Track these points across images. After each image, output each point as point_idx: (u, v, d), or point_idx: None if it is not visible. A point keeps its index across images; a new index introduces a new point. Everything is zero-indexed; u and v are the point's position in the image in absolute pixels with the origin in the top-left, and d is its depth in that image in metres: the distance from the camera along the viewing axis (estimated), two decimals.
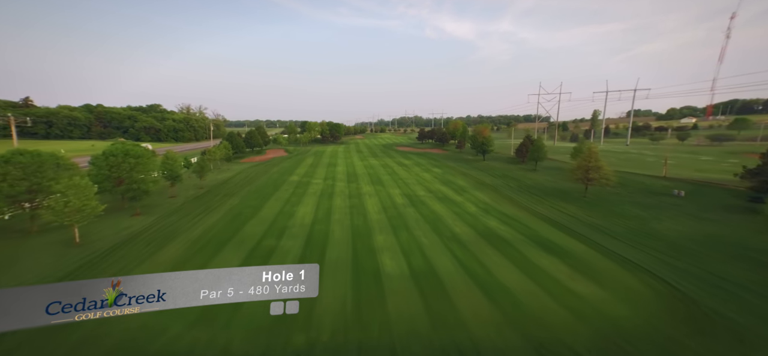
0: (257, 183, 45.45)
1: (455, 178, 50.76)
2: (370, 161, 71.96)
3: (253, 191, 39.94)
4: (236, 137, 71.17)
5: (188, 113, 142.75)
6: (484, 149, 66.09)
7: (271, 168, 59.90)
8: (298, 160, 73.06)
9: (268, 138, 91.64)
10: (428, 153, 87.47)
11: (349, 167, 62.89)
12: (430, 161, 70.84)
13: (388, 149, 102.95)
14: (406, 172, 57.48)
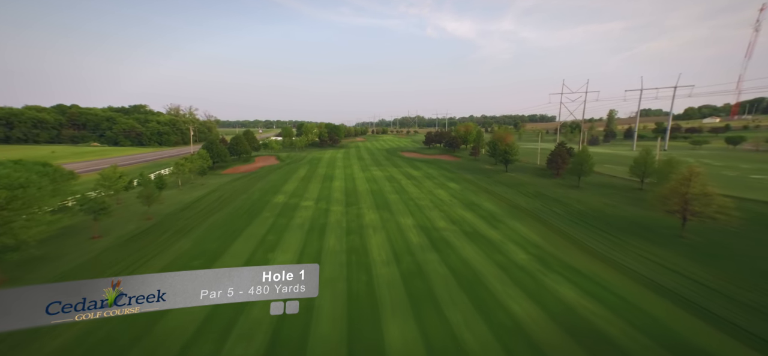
0: (230, 208, 35.54)
1: (479, 198, 40.77)
2: (372, 172, 62.01)
3: (218, 224, 30.01)
4: (217, 145, 61.26)
5: (177, 114, 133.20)
6: (507, 159, 56.00)
7: (255, 183, 49.98)
8: (290, 170, 63.15)
9: (258, 143, 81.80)
10: (438, 161, 77.46)
11: (349, 181, 52.95)
12: (443, 173, 60.82)
13: (391, 155, 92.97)
14: (416, 188, 47.50)
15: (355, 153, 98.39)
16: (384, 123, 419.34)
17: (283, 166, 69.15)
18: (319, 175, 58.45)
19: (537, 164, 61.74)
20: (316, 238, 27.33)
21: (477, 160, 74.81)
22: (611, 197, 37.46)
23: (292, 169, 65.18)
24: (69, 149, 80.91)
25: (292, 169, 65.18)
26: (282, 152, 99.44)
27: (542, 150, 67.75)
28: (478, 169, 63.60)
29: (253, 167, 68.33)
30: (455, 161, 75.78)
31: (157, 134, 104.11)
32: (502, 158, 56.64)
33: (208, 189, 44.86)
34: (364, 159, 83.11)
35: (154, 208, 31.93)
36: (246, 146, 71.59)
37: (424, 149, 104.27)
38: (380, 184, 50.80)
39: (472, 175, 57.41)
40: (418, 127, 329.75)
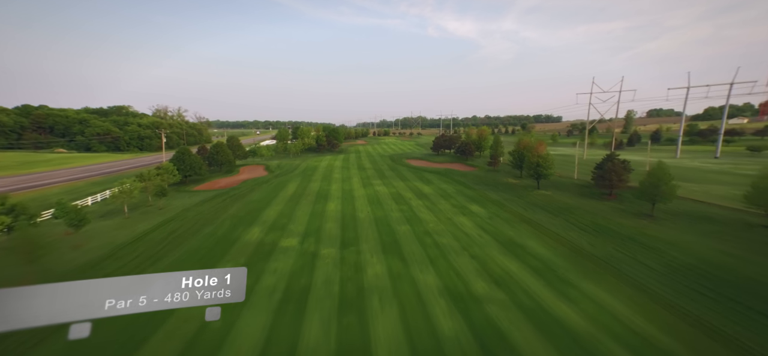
0: (177, 255, 25.58)
1: (518, 232, 30.65)
2: (375, 188, 51.93)
3: None
4: (190, 155, 51.20)
5: (164, 116, 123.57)
6: (540, 173, 45.77)
7: (230, 206, 39.97)
8: (278, 186, 53.16)
9: (245, 151, 71.92)
10: (450, 172, 67.30)
11: (346, 203, 42.88)
12: (461, 189, 50.68)
13: (396, 163, 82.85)
14: (431, 214, 37.41)
15: (355, 160, 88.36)
16: (385, 124, 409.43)
17: (271, 179, 59.16)
18: (311, 193, 48.40)
19: (575, 179, 51.51)
20: (289, 323, 17.31)
21: (496, 171, 64.60)
22: (722, 239, 26.83)
23: (281, 183, 55.17)
24: (20, 157, 71.05)
25: (281, 183, 55.17)
26: (274, 160, 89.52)
27: (586, 160, 57.37)
28: (502, 184, 53.40)
29: (235, 180, 58.36)
30: (471, 173, 65.60)
31: (137, 138, 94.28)
32: (533, 173, 46.41)
33: (164, 217, 34.85)
34: (365, 169, 73.06)
35: (57, 257, 21.95)
36: (228, 154, 61.65)
37: (432, 155, 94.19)
38: (385, 207, 40.72)
39: (496, 193, 47.23)
40: (421, 128, 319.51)
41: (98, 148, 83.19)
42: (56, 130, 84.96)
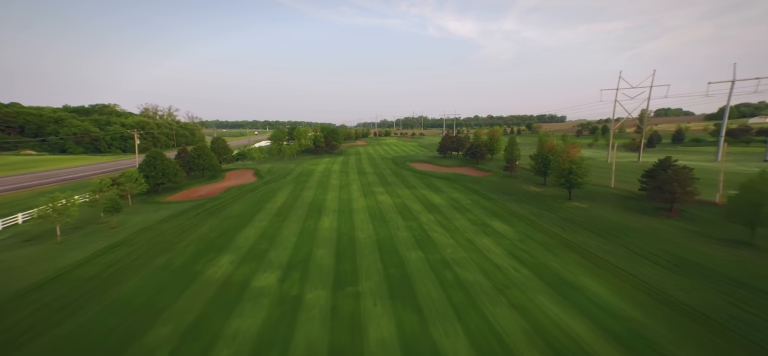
0: (106, 303, 18.51)
1: (564, 264, 23.52)
2: (378, 198, 44.86)
3: None
4: (163, 160, 44.06)
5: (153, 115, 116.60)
6: (572, 182, 38.61)
7: (200, 225, 32.90)
8: (265, 195, 46.14)
9: (232, 154, 64.87)
10: (461, 177, 60.19)
11: (344, 219, 35.81)
12: (477, 200, 43.60)
13: (399, 166, 75.79)
14: (447, 234, 30.34)
15: (355, 163, 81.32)
16: (386, 124, 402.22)
17: (259, 186, 52.13)
18: (303, 204, 41.35)
19: (612, 187, 44.35)
20: None
21: (514, 177, 57.41)
22: None
23: (270, 192, 48.14)
24: None
25: (270, 192, 48.14)
26: (267, 163, 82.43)
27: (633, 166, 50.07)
28: (523, 193, 46.24)
29: (218, 187, 51.35)
30: (484, 179, 58.47)
31: (120, 138, 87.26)
32: (563, 181, 39.21)
33: (110, 241, 27.74)
34: (365, 174, 66.00)
35: None
36: (212, 159, 54.61)
37: (438, 158, 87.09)
38: (390, 223, 33.66)
39: (519, 205, 40.07)
40: (422, 128, 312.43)
41: (75, 150, 76.33)
42: (28, 130, 78.00)
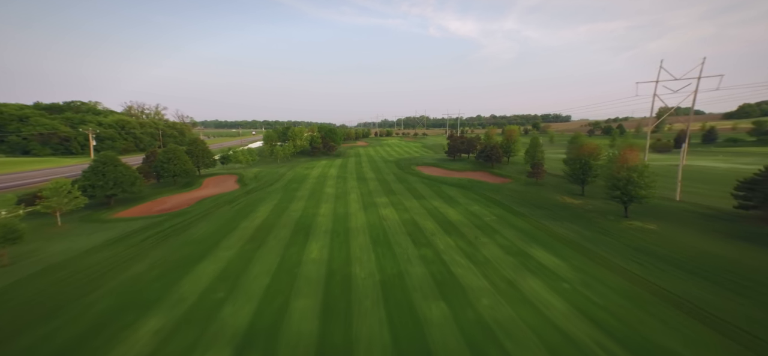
0: None
1: (686, 343, 15.23)
2: (381, 213, 36.63)
3: None
4: (115, 166, 35.65)
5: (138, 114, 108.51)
6: (632, 196, 30.14)
7: (136, 261, 24.61)
8: (244, 210, 37.96)
9: (213, 157, 56.71)
10: (477, 185, 51.92)
11: (338, 243, 27.61)
12: (505, 217, 35.35)
13: (404, 171, 67.57)
14: (478, 273, 22.09)
15: (354, 167, 73.12)
16: (387, 124, 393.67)
17: (239, 196, 43.96)
18: (287, 223, 33.14)
19: (677, 200, 35.90)
20: None
21: (540, 185, 49.04)
22: None
23: (251, 204, 39.98)
24: None
25: (251, 204, 39.98)
26: (256, 166, 74.26)
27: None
28: (558, 206, 37.93)
29: (191, 197, 43.20)
30: (504, 186, 50.17)
31: (96, 139, 79.20)
32: (621, 194, 30.67)
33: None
34: (366, 180, 57.81)
35: None
36: (186, 163, 46.41)
37: (447, 161, 78.80)
38: (398, 253, 25.42)
39: (559, 223, 31.75)
40: (425, 128, 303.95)
41: (41, 151, 68.45)
42: None
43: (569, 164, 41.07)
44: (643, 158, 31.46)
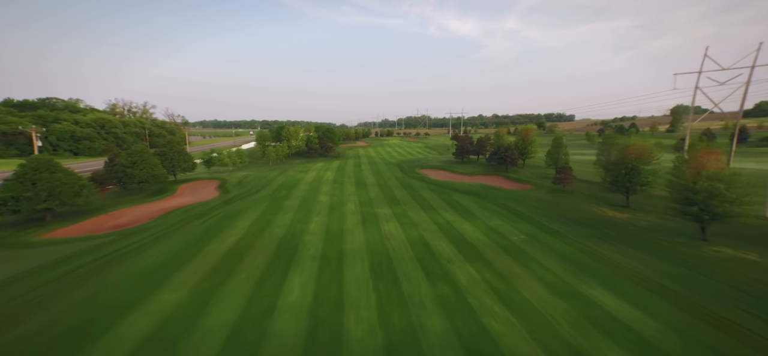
0: None
1: None
2: (383, 229, 29.85)
3: None
4: (51, 174, 28.59)
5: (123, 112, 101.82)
6: (714, 213, 23.19)
7: (27, 318, 17.84)
8: (216, 226, 31.20)
9: (191, 160, 50.04)
10: (492, 191, 45.22)
11: (328, 277, 20.90)
12: (537, 235, 28.62)
13: (408, 175, 60.89)
14: (519, 326, 15.32)
15: (353, 170, 66.44)
16: (387, 123, 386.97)
17: (216, 207, 37.23)
18: (267, 244, 26.39)
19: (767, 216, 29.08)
20: None
21: (569, 192, 42.23)
22: None
23: (227, 217, 33.21)
24: None
25: (227, 217, 33.21)
26: (244, 169, 67.58)
27: None
28: (602, 221, 31.17)
29: (156, 209, 36.46)
30: (526, 194, 43.45)
31: (70, 139, 72.60)
32: (699, 212, 23.65)
33: None
34: (366, 185, 51.09)
35: None
36: (155, 168, 39.65)
37: (454, 164, 72.04)
38: (408, 294, 18.72)
39: (611, 246, 25.02)
40: (427, 128, 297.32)
41: (4, 152, 61.88)
42: None
43: (610, 170, 34.30)
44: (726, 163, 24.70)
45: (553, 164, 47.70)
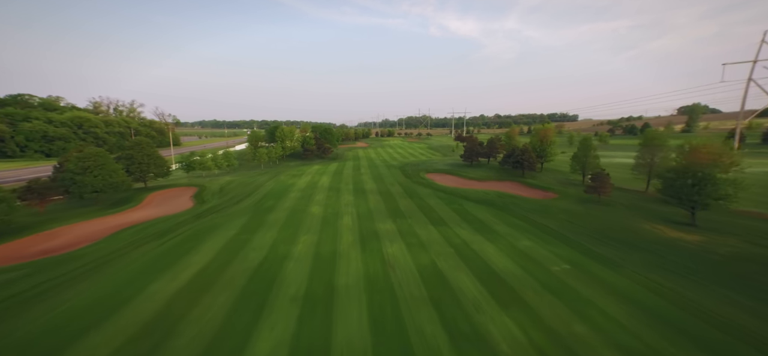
0: None
1: None
2: (386, 252, 23.42)
3: None
4: None
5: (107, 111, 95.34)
6: None
7: None
8: (176, 250, 24.80)
9: (166, 166, 43.50)
10: (512, 201, 38.88)
11: (311, 331, 14.36)
12: (584, 266, 22.24)
13: (413, 181, 54.55)
14: None
15: (351, 174, 60.11)
16: (388, 123, 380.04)
17: (183, 222, 30.86)
18: (233, 280, 20.00)
19: None
20: None
21: (607, 204, 35.78)
22: None
23: (193, 238, 26.82)
24: None
25: (193, 238, 26.82)
26: (230, 174, 61.29)
27: None
28: (668, 245, 24.80)
29: (107, 226, 30.07)
30: (552, 204, 37.07)
31: (41, 139, 66.31)
32: None
33: None
34: (365, 193, 44.73)
35: None
36: (114, 174, 33.28)
37: (463, 167, 65.65)
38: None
39: (707, 290, 18.71)
40: (429, 128, 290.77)
41: None
42: None
43: (670, 178, 27.81)
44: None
45: (579, 168, 41.49)
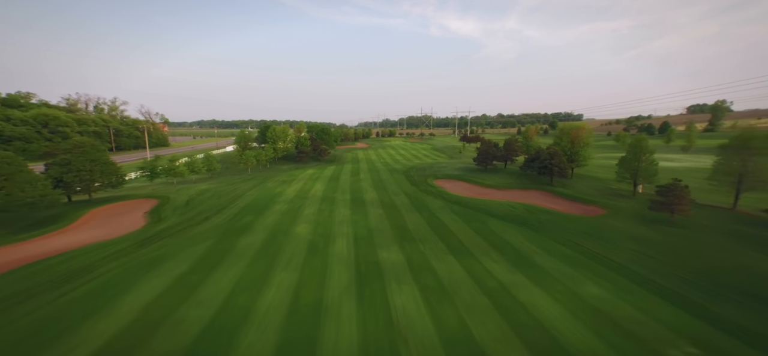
0: None
1: None
2: (393, 304, 15.53)
3: None
4: None
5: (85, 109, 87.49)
6: None
7: None
8: (53, 326, 16.96)
9: (116, 177, 35.54)
10: (548, 217, 31.08)
11: None
12: (703, 340, 14.29)
13: (420, 188, 46.72)
14: None
15: (349, 181, 52.28)
16: (389, 123, 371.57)
17: (119, 253, 23.09)
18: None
19: None
20: None
21: (682, 226, 27.95)
22: None
23: (120, 282, 19.04)
24: None
25: (120, 282, 19.04)
26: (210, 180, 53.53)
27: None
28: None
29: (9, 259, 22.30)
30: (604, 223, 29.26)
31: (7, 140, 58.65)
32: None
33: None
34: (365, 205, 36.86)
35: None
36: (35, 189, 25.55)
37: (476, 172, 57.81)
38: None
39: None
40: (431, 128, 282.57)
41: None
42: None
43: None
44: None
45: (630, 177, 33.82)
